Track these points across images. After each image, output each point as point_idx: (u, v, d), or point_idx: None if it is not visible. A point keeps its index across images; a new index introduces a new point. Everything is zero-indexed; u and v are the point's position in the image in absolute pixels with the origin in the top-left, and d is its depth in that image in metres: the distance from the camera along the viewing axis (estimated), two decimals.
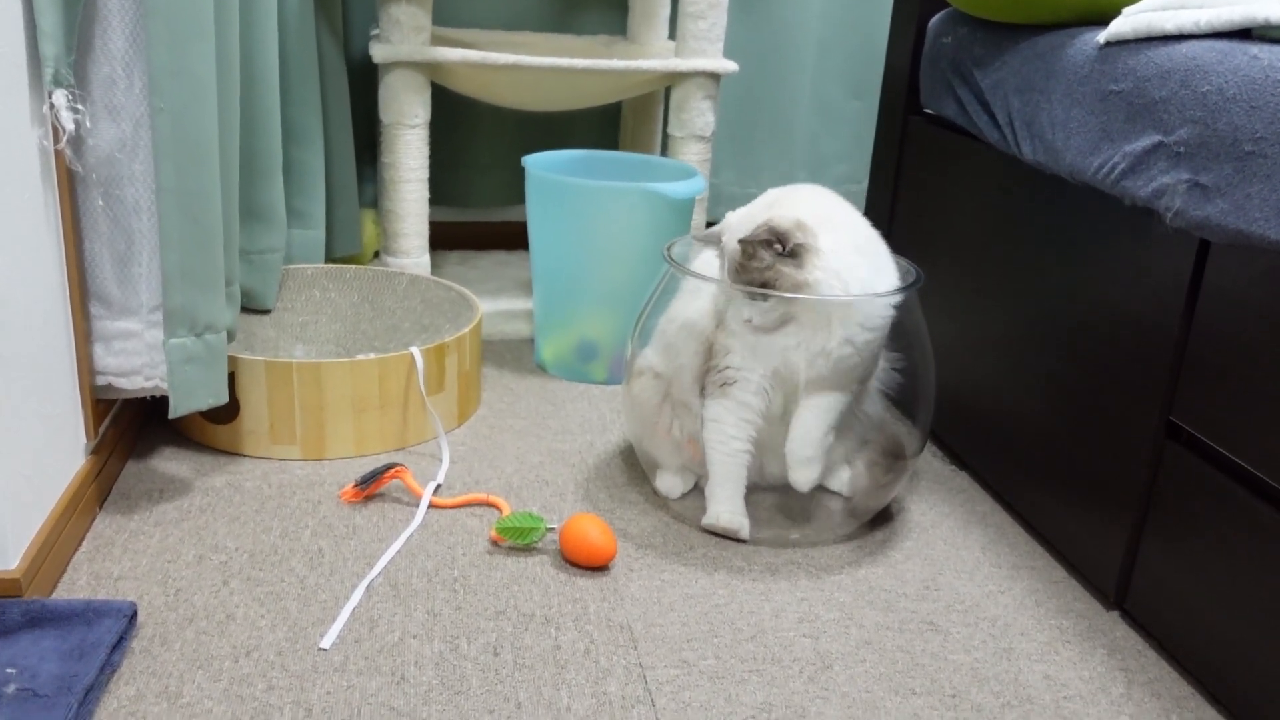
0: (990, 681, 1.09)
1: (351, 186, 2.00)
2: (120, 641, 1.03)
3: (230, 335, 1.36)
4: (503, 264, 2.26)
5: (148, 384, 1.26)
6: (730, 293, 1.22)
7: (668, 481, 1.39)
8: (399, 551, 1.24)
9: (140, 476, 1.36)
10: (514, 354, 1.87)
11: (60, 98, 1.10)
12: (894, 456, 1.35)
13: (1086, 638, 1.18)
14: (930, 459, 1.58)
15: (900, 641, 1.15)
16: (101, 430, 1.30)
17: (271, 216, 1.62)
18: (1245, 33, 1.07)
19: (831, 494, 1.41)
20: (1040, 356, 1.33)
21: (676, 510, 1.37)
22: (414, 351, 1.46)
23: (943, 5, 1.61)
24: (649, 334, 1.38)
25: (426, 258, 1.93)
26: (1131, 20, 1.16)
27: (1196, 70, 1.06)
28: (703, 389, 1.29)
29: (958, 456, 1.57)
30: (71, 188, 1.17)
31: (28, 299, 1.07)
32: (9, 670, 0.95)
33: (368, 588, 1.17)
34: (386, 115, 1.85)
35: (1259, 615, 1.00)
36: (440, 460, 1.47)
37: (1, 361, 1.02)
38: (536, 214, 1.72)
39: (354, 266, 1.81)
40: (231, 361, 1.38)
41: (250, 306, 1.65)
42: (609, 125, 2.35)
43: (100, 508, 1.28)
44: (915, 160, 1.64)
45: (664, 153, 2.21)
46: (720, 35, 1.94)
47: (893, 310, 1.25)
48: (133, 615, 1.06)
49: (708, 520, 1.31)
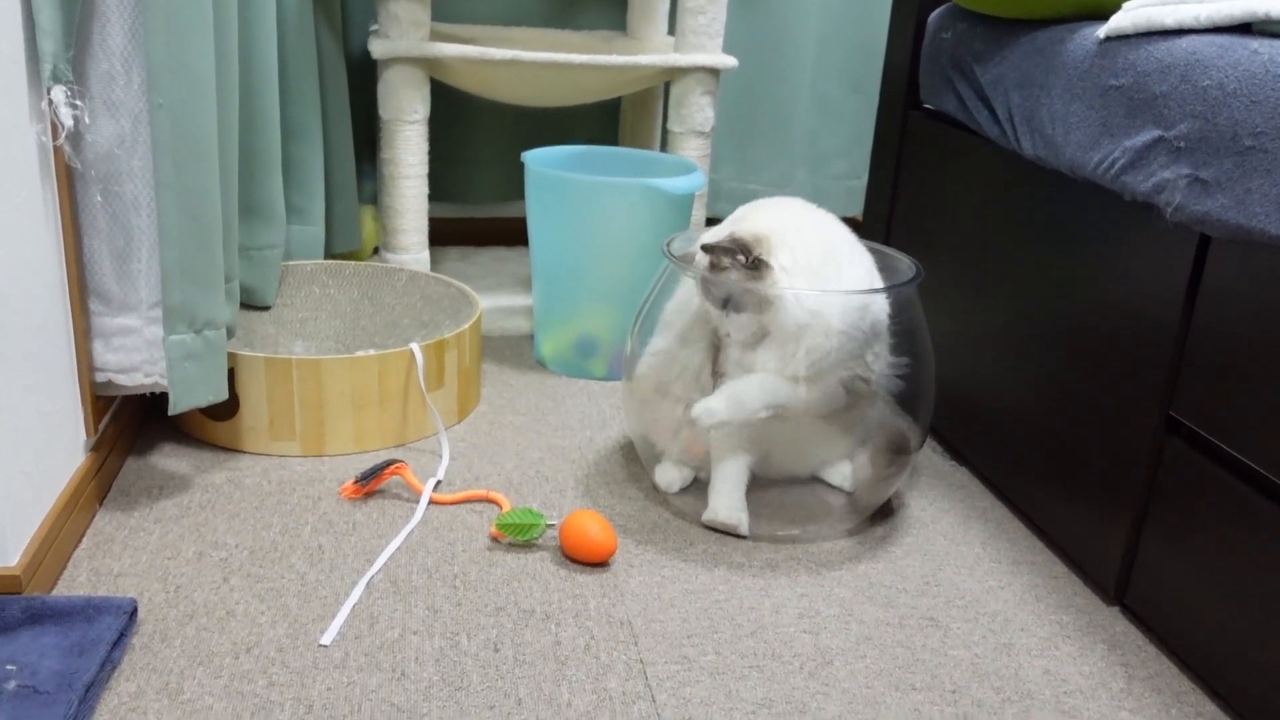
0: (990, 677, 1.09)
1: (351, 183, 2.00)
2: (121, 638, 1.03)
3: (230, 332, 1.36)
4: (502, 260, 2.26)
5: (147, 380, 1.26)
6: (711, 310, 1.25)
7: (667, 476, 1.39)
8: (399, 548, 1.24)
9: (140, 473, 1.36)
10: (514, 350, 1.87)
11: (59, 94, 1.09)
12: (896, 449, 1.35)
13: (1086, 633, 1.18)
14: (930, 454, 1.58)
15: (900, 637, 1.15)
16: (101, 427, 1.30)
17: (271, 213, 1.62)
18: (1245, 27, 1.06)
19: (832, 489, 1.41)
20: (1040, 352, 1.33)
21: (676, 506, 1.37)
22: (414, 348, 1.46)
23: (942, 0, 1.61)
24: (649, 330, 1.38)
25: (426, 254, 1.93)
26: (1131, 15, 1.16)
27: (1197, 65, 1.06)
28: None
29: (958, 452, 1.57)
30: (70, 184, 1.17)
31: (27, 296, 1.07)
32: (9, 667, 0.95)
33: (368, 584, 1.17)
34: (385, 111, 1.84)
35: (1259, 610, 1.00)
36: (440, 456, 1.47)
37: (1, 358, 1.02)
38: (536, 210, 1.72)
39: (353, 263, 1.80)
40: (231, 358, 1.38)
41: (250, 303, 1.65)
42: (608, 121, 2.35)
43: (100, 504, 1.28)
44: (915, 156, 1.64)
45: (663, 148, 2.21)
46: (720, 30, 1.93)
47: (878, 315, 1.25)
48: (133, 612, 1.06)
49: (707, 516, 1.31)
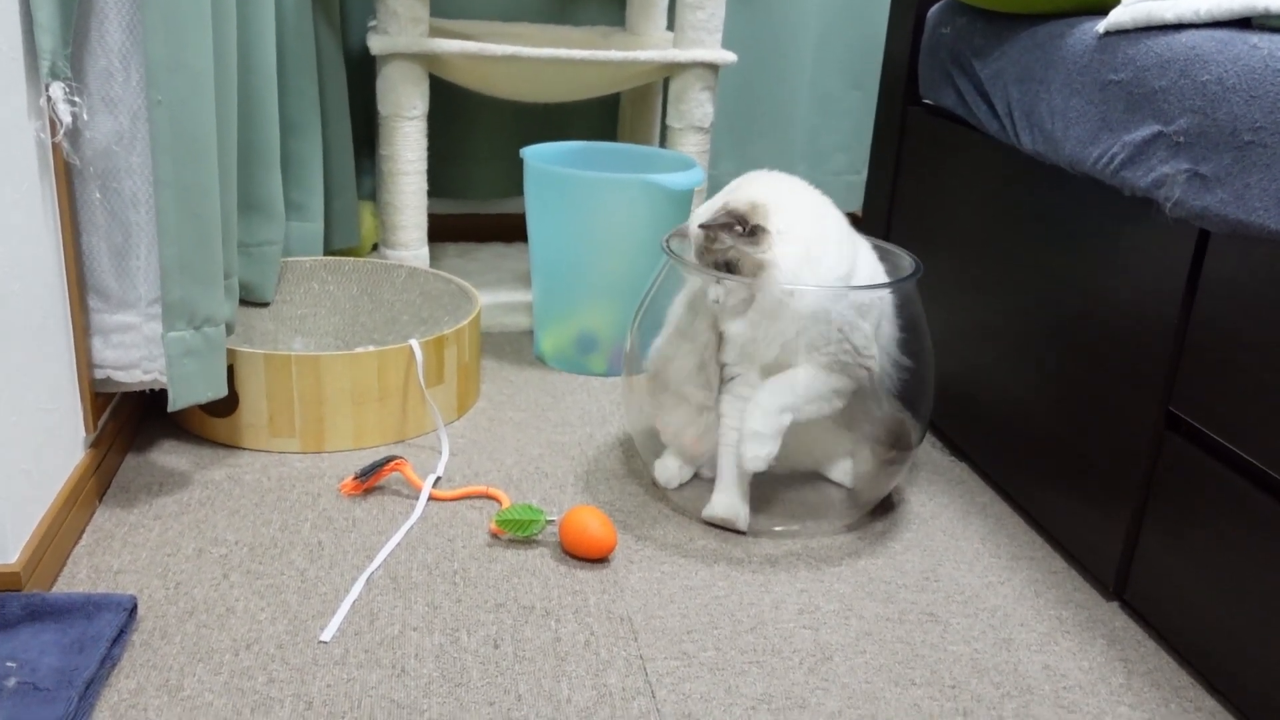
0: (990, 672, 1.09)
1: (350, 179, 2.00)
2: (120, 635, 1.03)
3: (229, 328, 1.36)
4: (501, 256, 2.26)
5: (146, 377, 1.26)
6: (700, 276, 1.26)
7: (666, 472, 1.39)
8: (399, 544, 1.24)
9: (140, 470, 1.36)
10: (513, 346, 1.87)
11: (57, 90, 1.09)
12: (897, 440, 1.35)
13: (1086, 628, 1.18)
14: (930, 450, 1.58)
15: (900, 632, 1.15)
16: (101, 424, 1.30)
17: (270, 209, 1.62)
18: (1245, 22, 1.06)
19: (832, 484, 1.41)
20: (1040, 347, 1.33)
21: (676, 501, 1.37)
22: (413, 344, 1.46)
23: None
24: (648, 326, 1.38)
25: (425, 250, 1.93)
26: (1131, 9, 1.16)
27: (1196, 59, 1.06)
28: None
29: (957, 447, 1.57)
30: (69, 181, 1.17)
31: (26, 293, 1.07)
32: (9, 664, 0.95)
33: (368, 580, 1.17)
34: (384, 107, 1.84)
35: (1258, 605, 1.00)
36: (440, 453, 1.47)
37: (0, 355, 1.02)
38: (535, 206, 1.71)
39: (352, 259, 1.80)
40: (230, 354, 1.38)
41: (249, 299, 1.65)
42: (607, 117, 2.34)
43: (100, 501, 1.28)
44: (914, 151, 1.64)
45: (663, 144, 2.20)
46: (719, 26, 1.93)
47: (879, 294, 1.26)
48: (133, 609, 1.06)
49: (706, 511, 1.31)
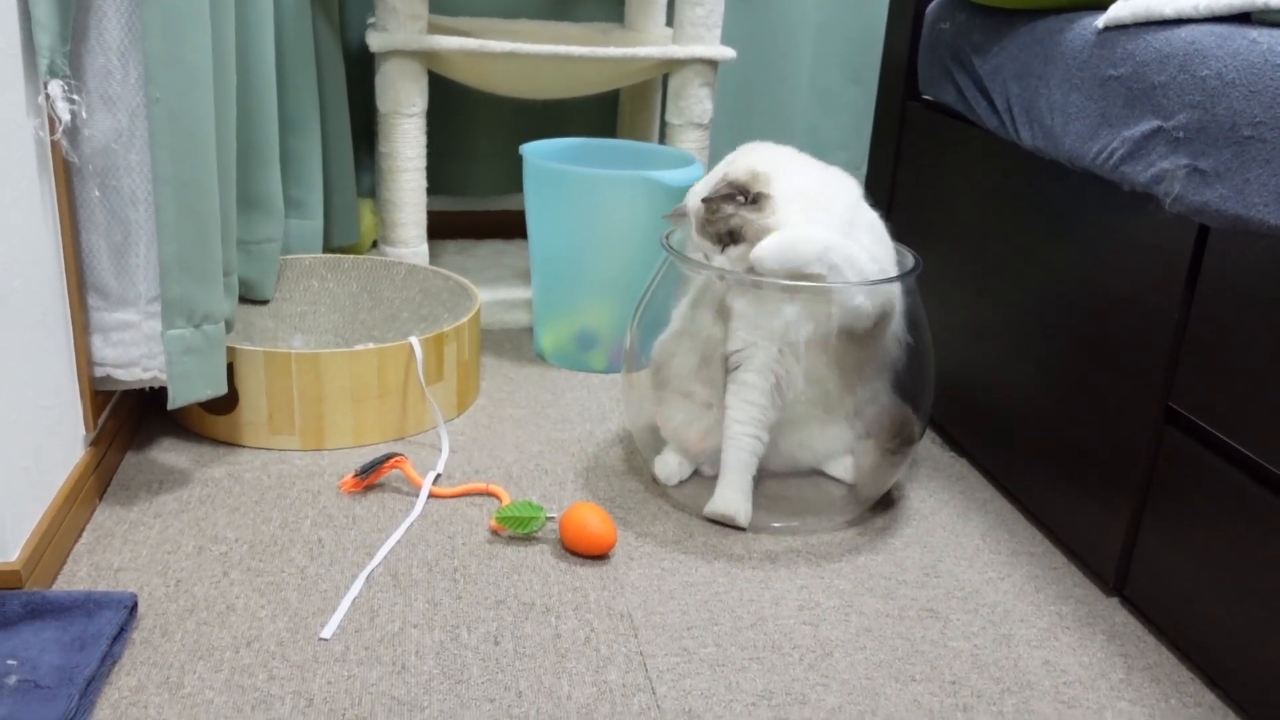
0: (990, 668, 1.09)
1: (349, 176, 2.00)
2: (121, 633, 1.03)
3: (228, 326, 1.36)
4: (501, 253, 2.26)
5: (146, 375, 1.26)
6: (702, 248, 1.28)
7: (666, 469, 1.39)
8: (399, 541, 1.24)
9: (140, 468, 1.36)
10: (513, 343, 1.87)
11: (56, 88, 1.09)
12: (900, 432, 1.34)
13: (1086, 623, 1.18)
14: (929, 446, 1.58)
15: (900, 628, 1.15)
16: (100, 422, 1.30)
17: (269, 206, 1.62)
18: (1244, 16, 1.06)
19: (832, 481, 1.41)
20: (1039, 342, 1.33)
21: (676, 498, 1.37)
22: (413, 341, 1.46)
23: None
24: (648, 322, 1.38)
25: (424, 247, 1.93)
26: (1130, 5, 1.16)
27: (1195, 55, 1.06)
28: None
29: (957, 443, 1.57)
30: (68, 179, 1.17)
31: (25, 291, 1.07)
32: (10, 662, 0.96)
33: (368, 578, 1.17)
34: (383, 104, 1.84)
35: (1258, 600, 1.00)
36: (440, 450, 1.47)
37: (0, 354, 1.02)
38: (535, 203, 1.71)
39: (352, 256, 1.80)
40: (230, 352, 1.38)
41: (248, 297, 1.65)
42: (607, 113, 2.34)
43: (100, 499, 1.28)
44: (914, 147, 1.64)
45: (662, 140, 2.20)
46: (718, 22, 1.93)
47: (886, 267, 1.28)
48: (133, 606, 1.06)
49: (708, 508, 1.31)
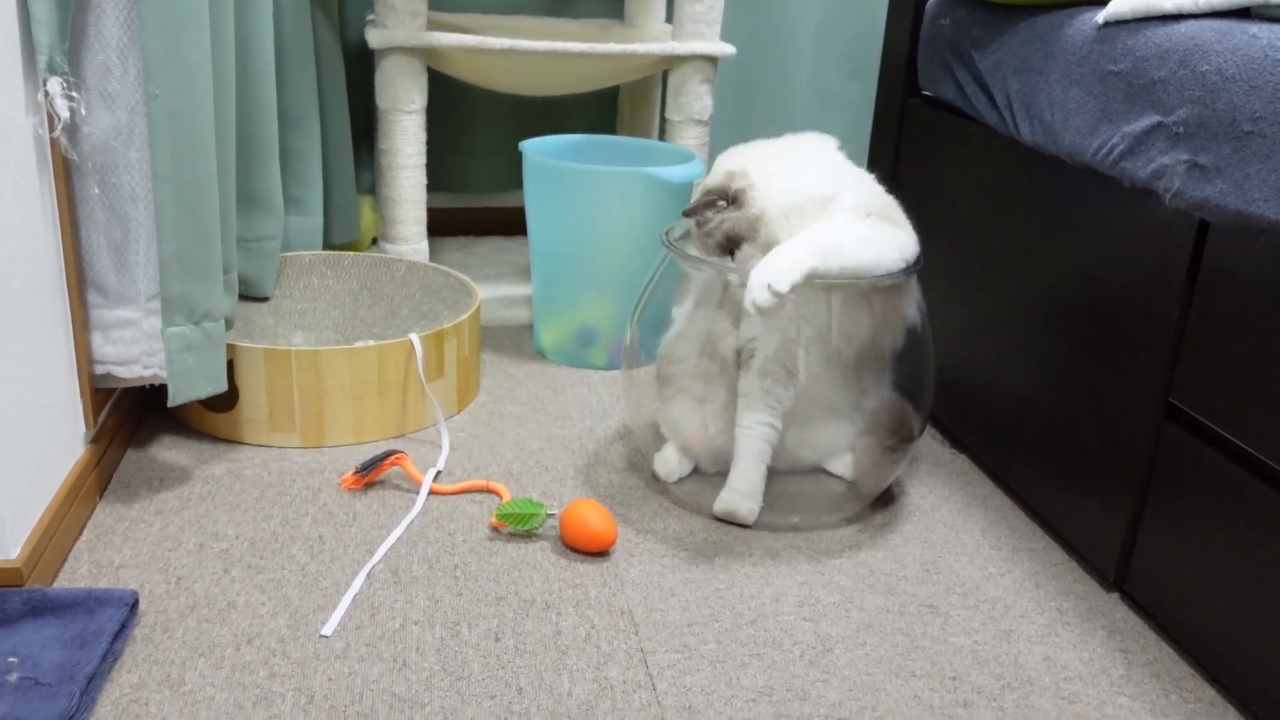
0: (990, 663, 1.10)
1: (349, 173, 2.00)
2: (122, 630, 1.03)
3: (228, 323, 1.35)
4: (501, 250, 2.26)
5: (146, 372, 1.26)
6: (714, 265, 1.28)
7: (667, 466, 1.39)
8: (399, 538, 1.24)
9: (140, 465, 1.36)
10: (513, 340, 1.87)
11: (55, 85, 1.09)
12: (899, 428, 1.34)
13: (1086, 619, 1.18)
14: (930, 442, 1.58)
15: (900, 624, 1.15)
16: (101, 419, 1.30)
17: (269, 204, 1.61)
18: (1244, 11, 1.06)
19: (832, 477, 1.41)
20: (1040, 338, 1.33)
21: (676, 494, 1.37)
22: (413, 338, 1.46)
23: None
24: (648, 319, 1.38)
25: (424, 244, 1.93)
26: (1130, 0, 1.16)
27: (1195, 50, 1.05)
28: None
29: (957, 439, 1.57)
30: (67, 176, 1.17)
31: (25, 289, 1.07)
32: (11, 659, 0.96)
33: (368, 575, 1.17)
34: (383, 101, 1.84)
35: (1258, 596, 1.00)
36: (440, 447, 1.47)
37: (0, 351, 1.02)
38: (534, 199, 1.71)
39: (352, 253, 1.80)
40: (230, 349, 1.38)
41: (248, 294, 1.64)
42: (606, 110, 2.34)
43: (100, 497, 1.28)
44: (914, 143, 1.64)
45: (662, 137, 2.20)
46: (718, 18, 1.93)
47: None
48: (134, 603, 1.06)
49: (717, 505, 1.31)
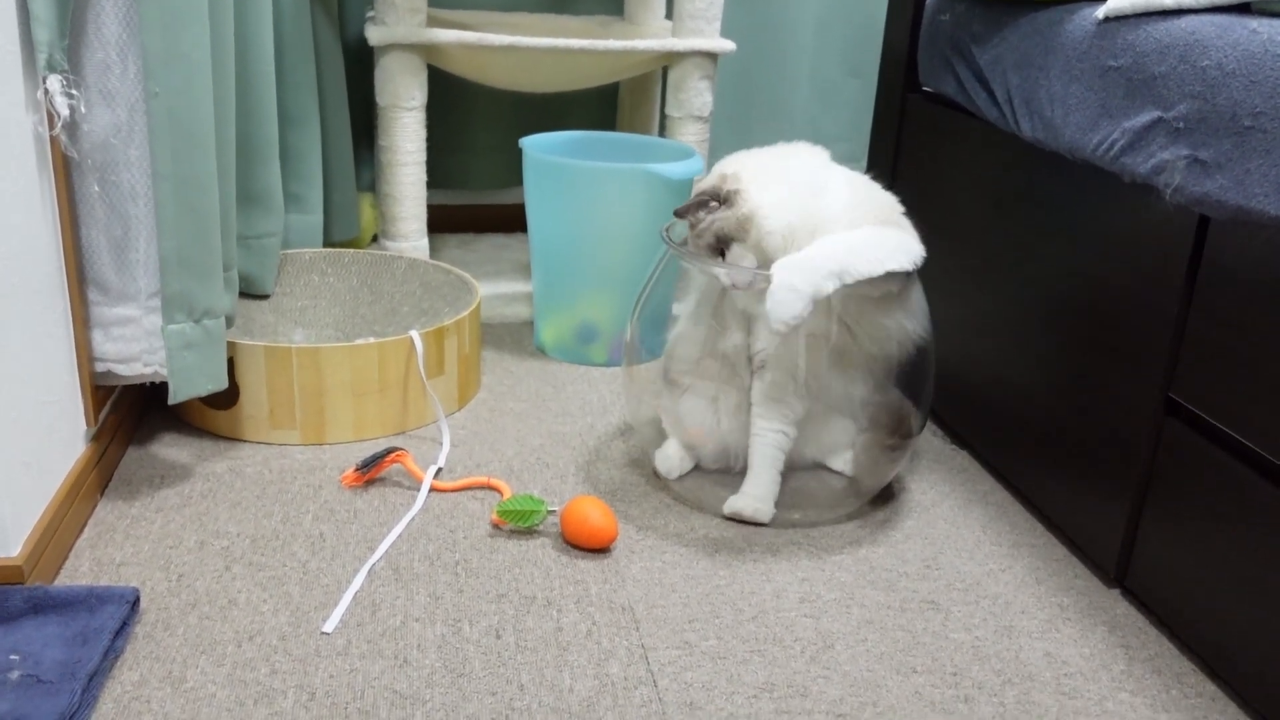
0: (991, 659, 1.10)
1: (349, 170, 1.99)
2: (123, 627, 1.03)
3: (229, 321, 1.35)
4: (501, 247, 2.26)
5: (147, 370, 1.26)
6: (706, 269, 1.29)
7: (667, 462, 1.39)
8: (400, 535, 1.24)
9: (141, 463, 1.37)
10: (513, 337, 1.87)
11: (54, 83, 1.09)
12: (899, 427, 1.34)
13: (1087, 615, 1.18)
14: (930, 438, 1.58)
15: (901, 620, 1.15)
16: (101, 417, 1.30)
17: (269, 201, 1.61)
18: (1244, 6, 1.06)
19: (833, 473, 1.41)
20: (1040, 334, 1.33)
21: (677, 491, 1.38)
22: (413, 335, 1.46)
23: None
24: (648, 316, 1.38)
25: (425, 241, 1.93)
26: None
27: (1196, 45, 1.05)
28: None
29: (958, 435, 1.57)
30: (67, 174, 1.17)
31: (25, 287, 1.07)
32: (12, 657, 0.96)
33: (369, 572, 1.17)
34: (383, 98, 1.84)
35: (1259, 591, 1.00)
36: (441, 444, 1.47)
37: (0, 349, 1.02)
38: (534, 196, 1.71)
39: (352, 250, 1.80)
40: (230, 347, 1.38)
41: (248, 292, 1.64)
42: (606, 106, 2.34)
43: (101, 494, 1.28)
44: (914, 138, 1.64)
45: (662, 133, 2.20)
46: (717, 14, 1.93)
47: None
48: (135, 601, 1.06)
49: (728, 505, 1.31)
